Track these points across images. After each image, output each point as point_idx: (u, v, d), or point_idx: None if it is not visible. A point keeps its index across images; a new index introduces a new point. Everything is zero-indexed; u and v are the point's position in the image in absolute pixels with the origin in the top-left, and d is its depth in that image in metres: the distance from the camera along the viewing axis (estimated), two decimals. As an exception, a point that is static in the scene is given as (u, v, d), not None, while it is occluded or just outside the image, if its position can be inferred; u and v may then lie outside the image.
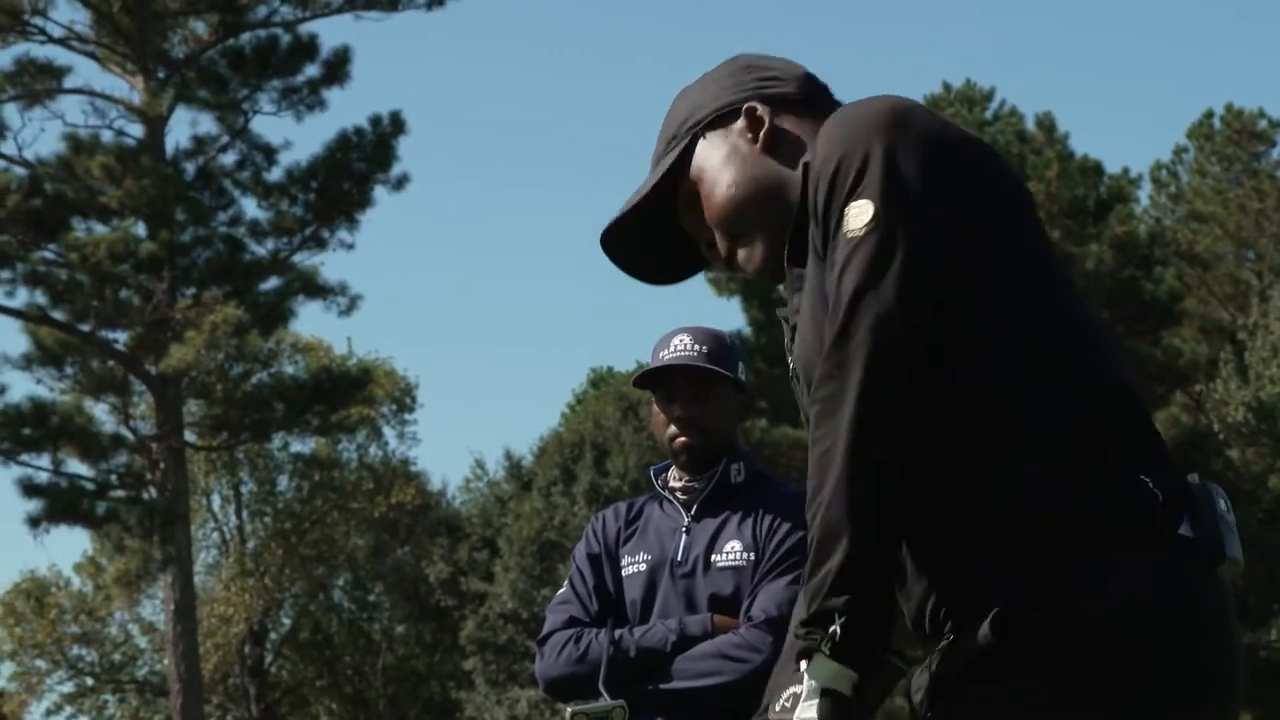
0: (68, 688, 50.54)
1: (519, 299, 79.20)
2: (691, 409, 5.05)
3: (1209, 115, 50.50)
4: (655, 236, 3.26)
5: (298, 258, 33.12)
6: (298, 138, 79.89)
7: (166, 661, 36.68)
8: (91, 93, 32.57)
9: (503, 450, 60.93)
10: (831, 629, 2.61)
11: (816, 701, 2.63)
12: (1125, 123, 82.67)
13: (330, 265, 72.37)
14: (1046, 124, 39.15)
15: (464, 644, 43.51)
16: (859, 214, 2.76)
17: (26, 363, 32.29)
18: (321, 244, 33.10)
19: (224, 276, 31.93)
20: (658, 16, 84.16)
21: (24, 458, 31.82)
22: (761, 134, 3.12)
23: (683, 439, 5.05)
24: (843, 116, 2.91)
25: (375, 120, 33.01)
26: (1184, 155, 50.77)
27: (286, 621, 50.02)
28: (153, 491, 32.43)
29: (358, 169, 32.93)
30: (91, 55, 32.87)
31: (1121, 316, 36.94)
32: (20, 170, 31.70)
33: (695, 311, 75.30)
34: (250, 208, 33.26)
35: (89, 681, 50.39)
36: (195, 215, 32.52)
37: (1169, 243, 43.84)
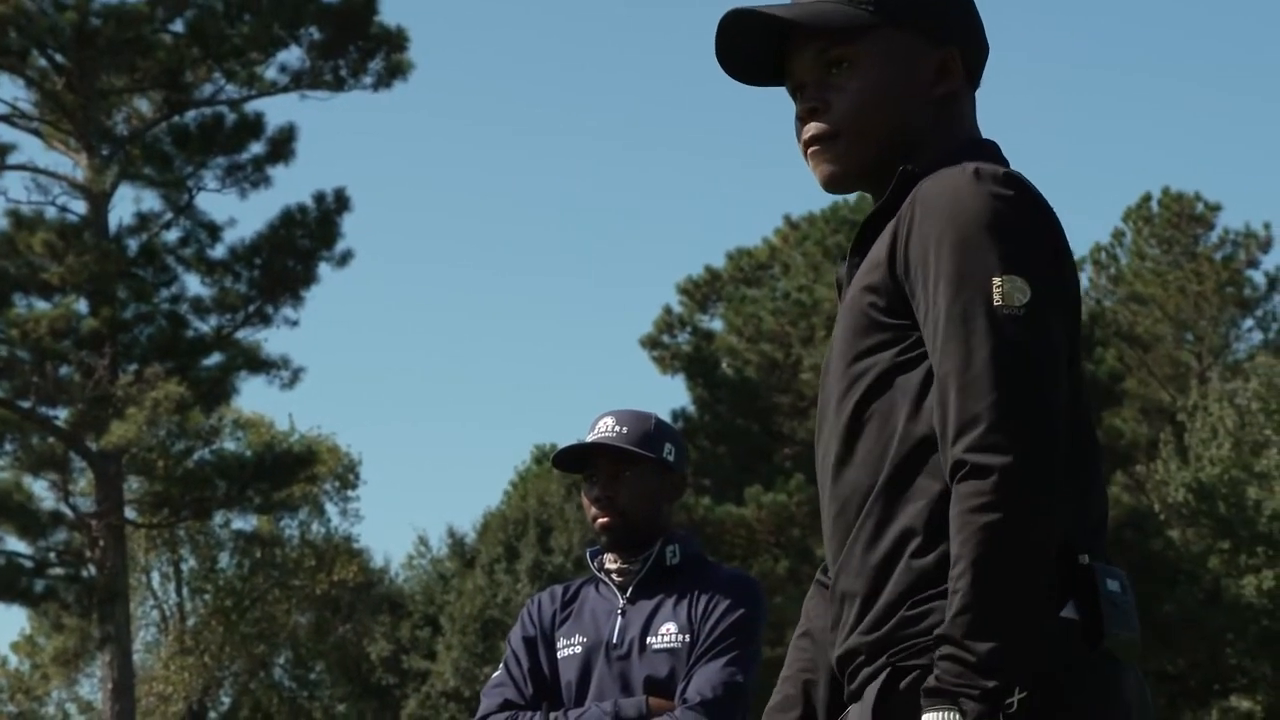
0: (4, 767, 50.19)
1: (463, 376, 79.22)
2: (609, 488, 5.06)
3: (1147, 198, 50.81)
4: (766, 39, 3.10)
5: (241, 334, 33.07)
6: (242, 214, 79.78)
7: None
8: (34, 169, 32.54)
9: (446, 527, 60.88)
10: (1008, 701, 2.66)
11: None
12: (1063, 205, 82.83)
13: (273, 340, 72.15)
14: (988, 205, 39.36)
15: (405, 723, 43.29)
16: (1016, 291, 2.78)
17: (-34, 439, 32.20)
18: (266, 320, 33.05)
19: (166, 353, 31.82)
20: (599, 94, 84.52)
21: (-38, 535, 31.67)
22: (940, 88, 3.05)
23: (602, 519, 5.06)
24: (971, 180, 2.86)
25: (319, 197, 33.01)
26: (1122, 238, 51.06)
27: (226, 700, 49.75)
28: (92, 569, 32.24)
29: (302, 245, 32.89)
30: (35, 132, 32.83)
31: (1062, 397, 37.10)
32: (-38, 246, 31.63)
33: (640, 389, 75.44)
34: (194, 284, 33.24)
35: (26, 761, 50.03)
36: (138, 292, 32.43)
37: (1109, 324, 44.06)
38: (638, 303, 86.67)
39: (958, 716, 2.68)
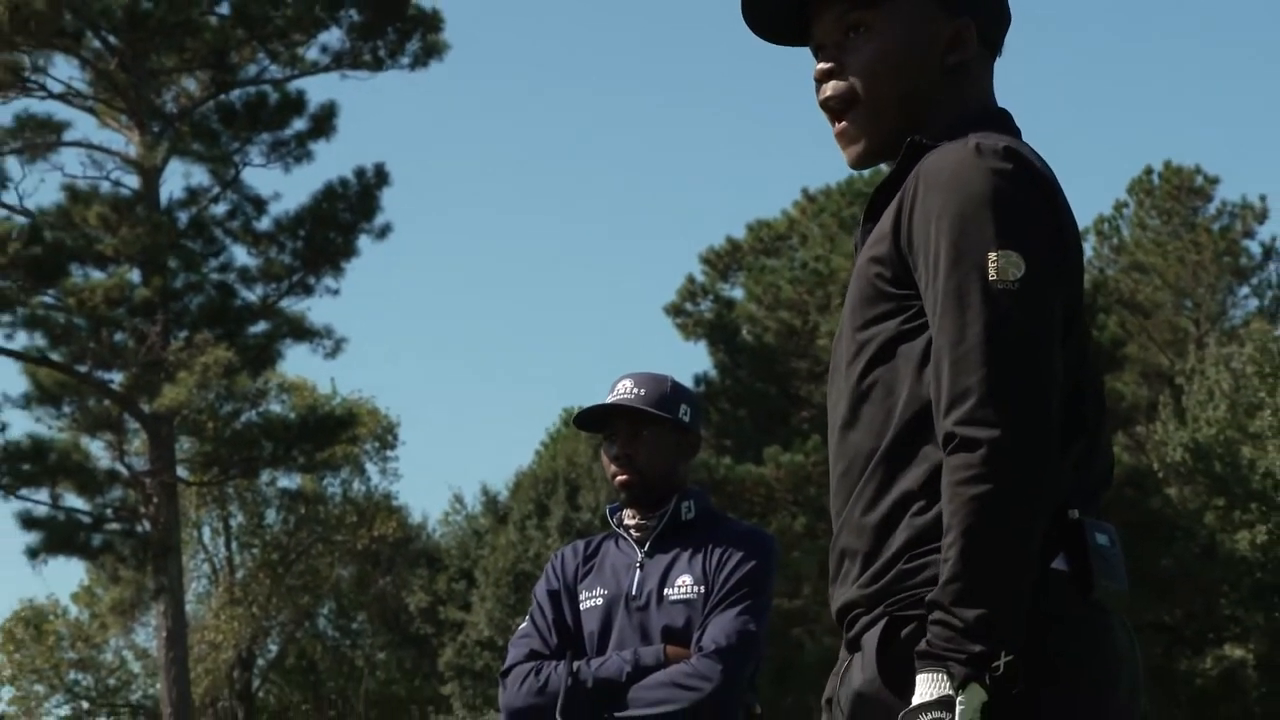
0: (64, 711, 50.42)
1: (496, 342, 79.31)
2: (627, 448, 5.07)
3: (1149, 171, 50.66)
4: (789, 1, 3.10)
5: (285, 303, 33.10)
6: (286, 189, 79.90)
7: (159, 686, 36.49)
8: (89, 146, 32.58)
9: (480, 486, 60.95)
10: (994, 665, 2.67)
11: None
12: (1069, 178, 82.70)
13: (316, 309, 72.20)
14: (995, 179, 39.25)
15: (442, 670, 43.44)
16: (1011, 266, 2.77)
17: (26, 402, 32.27)
18: (308, 290, 33.08)
19: (215, 320, 31.85)
20: (622, 76, 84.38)
21: (24, 492, 31.76)
22: (953, 57, 3.04)
23: (621, 476, 5.07)
24: (972, 153, 2.85)
25: (360, 172, 33.00)
26: (1125, 209, 50.91)
27: (273, 648, 49.90)
28: (146, 525, 32.33)
29: (343, 219, 32.90)
30: (90, 110, 32.83)
31: (1066, 361, 37.05)
32: (21, 219, 31.65)
33: (664, 354, 75.54)
34: (240, 255, 33.28)
35: (85, 705, 50.26)
36: (188, 262, 32.46)
37: (1111, 291, 43.92)
38: (662, 272, 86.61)
39: (946, 678, 2.69)
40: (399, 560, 48.06)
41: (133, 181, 32.53)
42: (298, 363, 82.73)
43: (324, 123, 32.83)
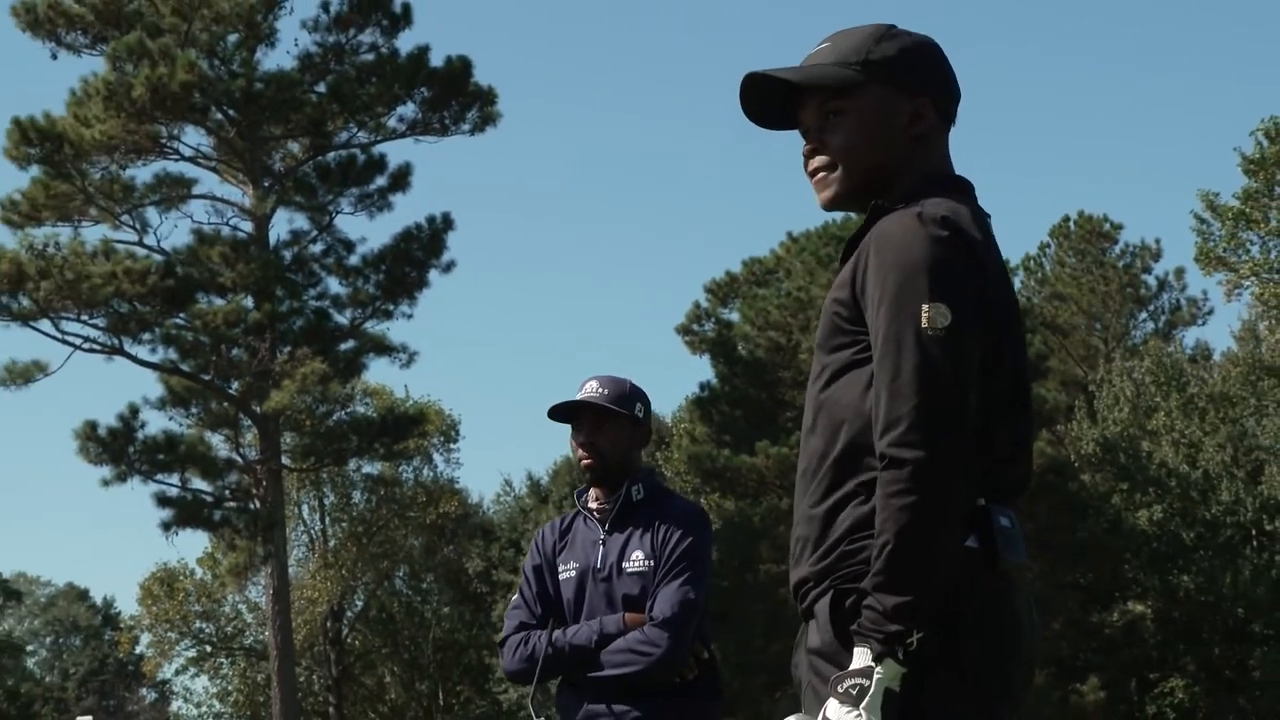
0: (191, 653, 50.43)
1: (539, 355, 79.63)
2: (591, 436, 5.00)
3: (1066, 219, 50.67)
4: (778, 94, 3.11)
5: (369, 324, 33.13)
6: (370, 232, 79.98)
7: (267, 633, 36.58)
8: (213, 198, 32.68)
9: (525, 472, 60.83)
10: (912, 641, 2.74)
11: (882, 699, 2.75)
12: (1004, 223, 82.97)
13: (394, 330, 72.30)
14: (942, 225, 39.18)
15: (495, 621, 43.39)
16: (939, 316, 2.80)
17: (162, 404, 32.33)
18: (388, 314, 33.10)
19: (312, 339, 31.90)
20: (643, 143, 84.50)
21: (159, 477, 31.78)
22: (914, 130, 3.04)
23: (586, 460, 5.01)
24: (914, 222, 2.88)
25: (430, 219, 33.06)
26: (1047, 249, 50.89)
27: (359, 603, 49.90)
28: (256, 503, 32.37)
29: (416, 256, 32.92)
30: (214, 170, 32.91)
31: (1000, 372, 36.93)
32: (158, 257, 31.74)
33: (674, 365, 75.65)
34: (334, 286, 33.32)
35: (208, 649, 50.27)
36: (291, 292, 32.51)
37: (1036, 315, 43.88)
38: (674, 299, 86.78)
39: (869, 653, 2.76)
40: (460, 533, 48.08)
41: (247, 227, 32.63)
42: (379, 372, 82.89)
43: (401, 179, 32.89)
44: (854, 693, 2.75)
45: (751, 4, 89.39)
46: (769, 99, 3.11)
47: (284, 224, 57.02)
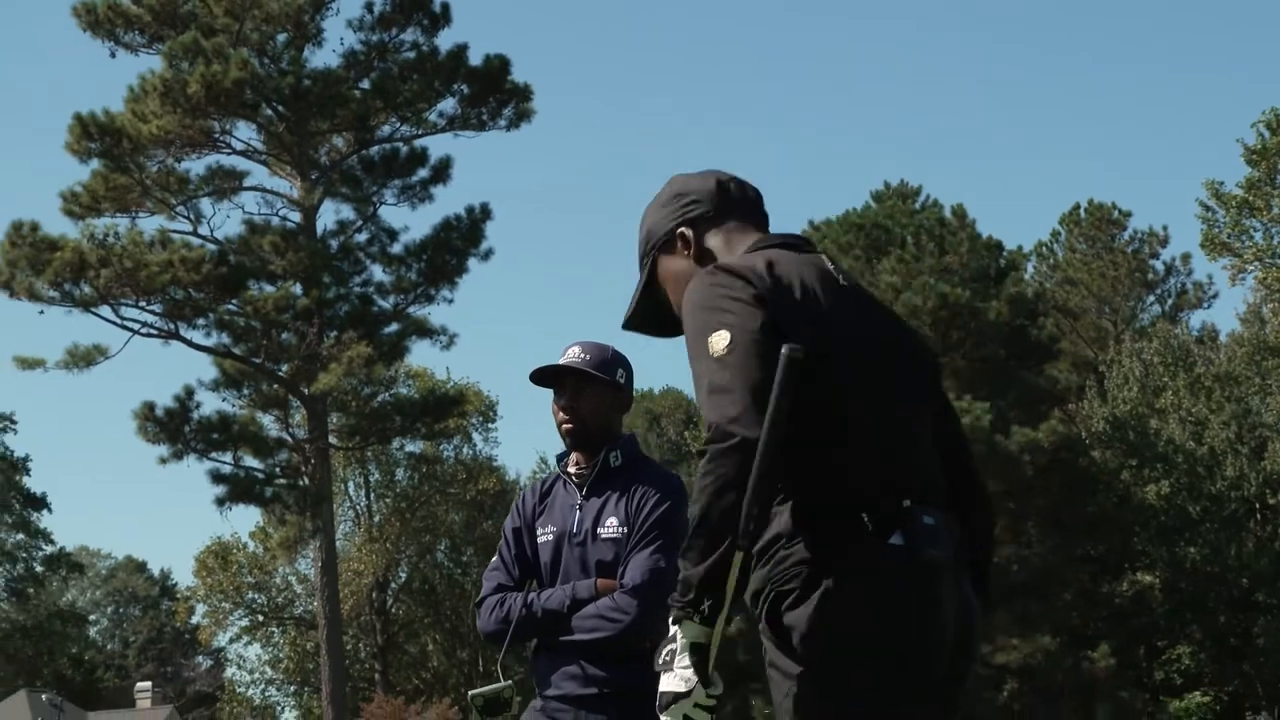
0: (244, 622, 50.68)
1: (573, 337, 79.25)
2: (573, 401, 4.85)
3: (1077, 207, 50.53)
4: (655, 309, 3.51)
5: (412, 309, 33.17)
6: (412, 222, 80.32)
7: (316, 603, 36.77)
8: (263, 190, 32.75)
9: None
10: (703, 605, 2.99)
11: (690, 653, 3.01)
12: (1018, 212, 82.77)
13: (435, 314, 72.50)
14: (960, 212, 39.09)
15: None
16: (720, 341, 3.10)
17: (215, 386, 32.42)
18: (430, 299, 33.13)
19: (358, 323, 31.97)
20: (665, 137, 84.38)
21: (213, 455, 31.90)
22: (690, 251, 3.40)
23: (567, 424, 4.86)
24: (703, 277, 3.22)
25: (469, 209, 33.08)
26: (1059, 237, 50.76)
27: (402, 575, 50.11)
28: (305, 480, 32.48)
29: (456, 245, 32.95)
30: (263, 163, 32.99)
31: (1014, 354, 36.81)
32: (212, 246, 31.84)
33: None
34: (378, 273, 33.36)
35: (259, 618, 50.51)
36: (337, 279, 32.58)
37: (1049, 300, 43.80)
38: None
39: (671, 618, 3.05)
40: (498, 508, 48.19)
41: (296, 217, 32.70)
42: (421, 355, 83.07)
43: (441, 171, 32.94)
44: (669, 659, 3.03)
45: (775, 1, 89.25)
46: (649, 314, 3.55)
47: (330, 214, 57.17)
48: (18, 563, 60.12)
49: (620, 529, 4.74)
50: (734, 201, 3.45)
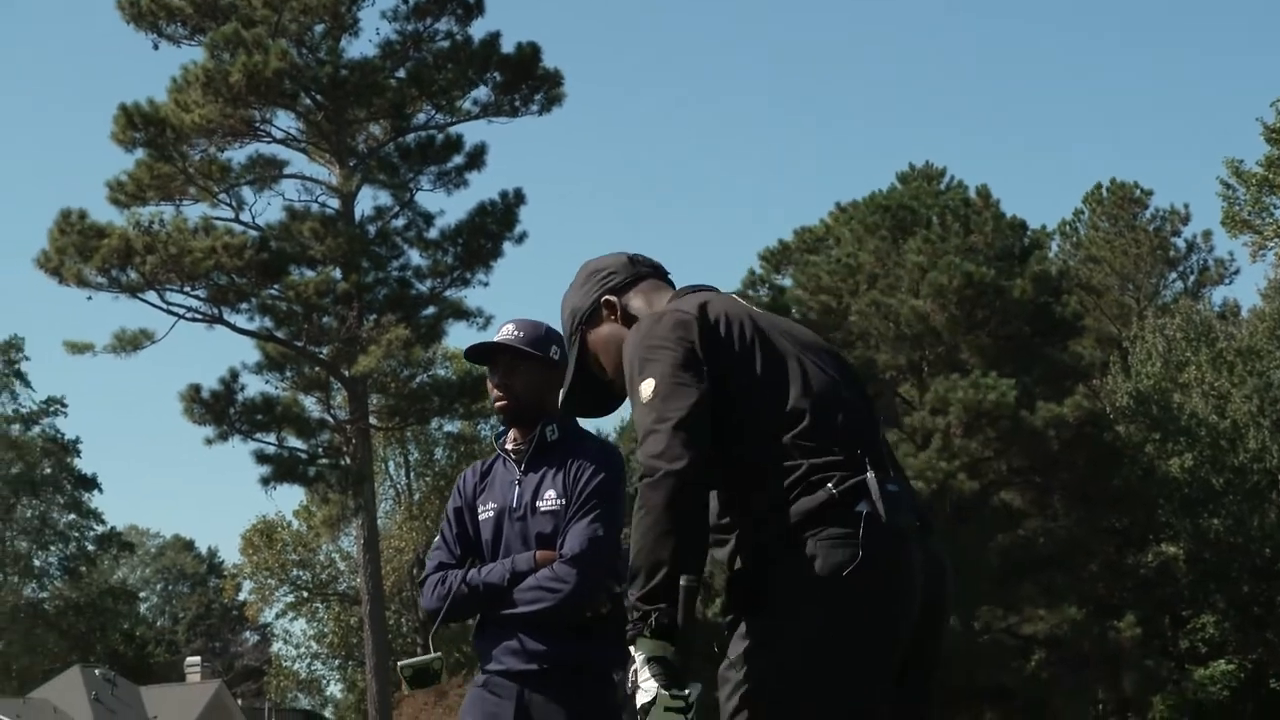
0: (290, 598, 50.97)
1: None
2: (506, 378, 4.77)
3: (1099, 187, 50.27)
4: (592, 388, 3.66)
5: (449, 292, 33.16)
6: (448, 207, 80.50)
7: (358, 580, 36.87)
8: (303, 177, 32.76)
9: (595, 428, 60.90)
10: (650, 620, 3.11)
11: (649, 666, 3.11)
12: (1042, 191, 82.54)
13: (471, 296, 72.75)
14: (984, 193, 38.93)
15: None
16: (647, 387, 3.27)
17: (259, 368, 32.48)
18: (466, 282, 33.13)
19: (396, 306, 32.00)
20: (701, 122, 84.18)
21: (258, 436, 31.98)
22: (617, 316, 3.59)
23: (501, 402, 4.79)
24: (634, 331, 3.41)
25: (504, 194, 33.05)
26: (1082, 215, 50.52)
27: (443, 551, 50.22)
28: (347, 460, 32.55)
29: (491, 229, 32.94)
30: (303, 151, 33.01)
31: (1039, 331, 36.67)
32: (253, 233, 31.90)
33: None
34: (415, 257, 33.34)
35: (305, 594, 50.75)
36: (376, 263, 32.61)
37: (1072, 278, 43.56)
38: (729, 268, 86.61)
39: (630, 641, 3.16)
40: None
41: (335, 203, 32.73)
42: (458, 337, 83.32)
43: (476, 157, 32.90)
44: (633, 679, 3.14)
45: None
46: (594, 393, 3.70)
47: (368, 200, 57.29)
48: (70, 542, 60.52)
49: (558, 501, 4.65)
50: (644, 268, 3.66)
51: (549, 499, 4.67)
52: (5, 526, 59.45)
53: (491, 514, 4.75)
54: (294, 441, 32.44)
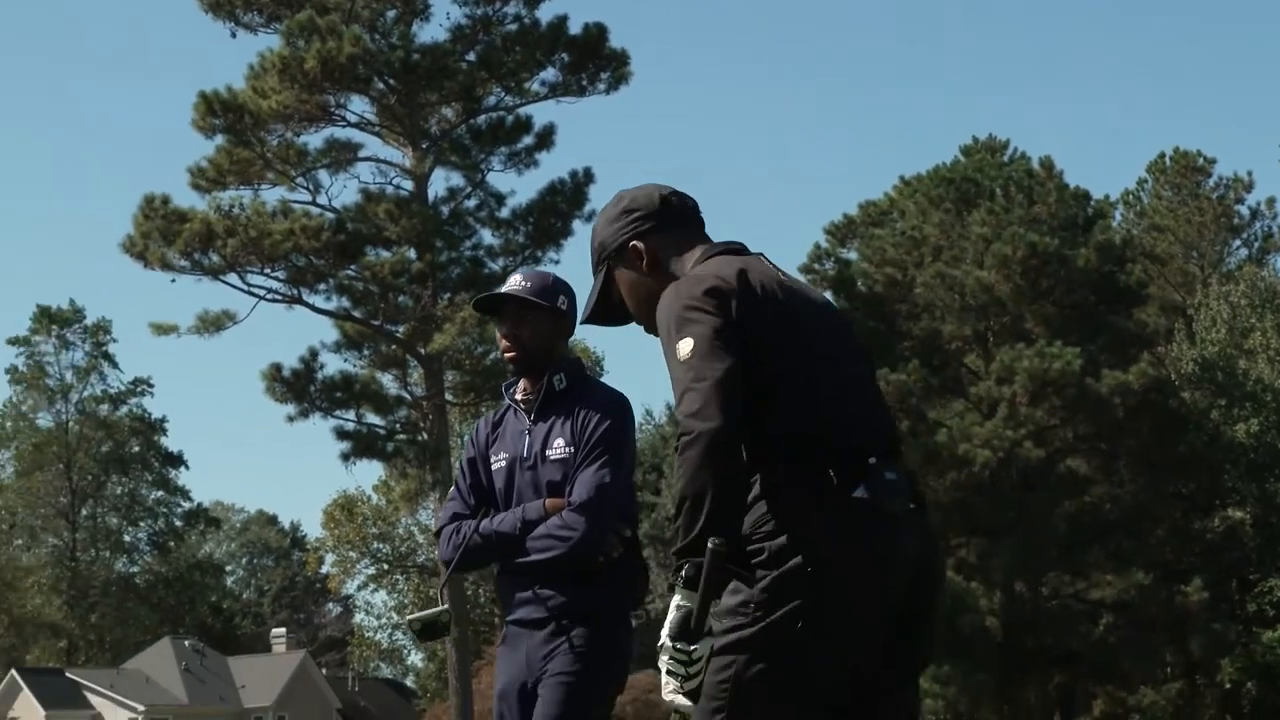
0: (370, 571, 51.40)
1: (675, 296, 79.64)
2: (515, 329, 4.72)
3: (1162, 156, 49.76)
4: (610, 307, 3.72)
5: (521, 271, 33.22)
6: (519, 187, 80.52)
7: (436, 553, 37.09)
8: (378, 160, 32.91)
9: (665, 403, 60.89)
10: (683, 571, 3.20)
11: (670, 612, 3.21)
12: (1104, 161, 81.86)
13: (543, 275, 73.01)
14: (1048, 164, 38.58)
15: (641, 538, 43.64)
16: (684, 347, 3.32)
17: (337, 347, 32.74)
18: (537, 261, 33.17)
19: (470, 285, 32.09)
20: (767, 103, 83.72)
21: (337, 413, 32.25)
22: (643, 263, 3.59)
23: (509, 352, 4.75)
24: (672, 291, 3.44)
25: (573, 174, 33.11)
26: (1145, 184, 50.03)
27: (518, 523, 50.42)
28: (424, 435, 32.75)
29: (561, 209, 33.00)
30: (377, 134, 33.16)
31: (1104, 299, 36.36)
32: (330, 215, 32.09)
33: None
34: (487, 237, 33.49)
35: (384, 567, 51.14)
36: (449, 243, 32.74)
37: (1136, 246, 43.12)
38: (796, 241, 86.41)
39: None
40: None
41: (408, 185, 32.87)
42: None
43: (546, 138, 32.95)
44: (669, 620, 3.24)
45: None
46: (604, 310, 3.75)
47: (441, 182, 57.29)
48: (159, 518, 61.32)
49: (567, 449, 4.63)
50: (675, 213, 3.65)
51: (558, 447, 4.65)
52: (96, 503, 60.35)
53: (503, 464, 4.73)
54: (372, 418, 32.70)
